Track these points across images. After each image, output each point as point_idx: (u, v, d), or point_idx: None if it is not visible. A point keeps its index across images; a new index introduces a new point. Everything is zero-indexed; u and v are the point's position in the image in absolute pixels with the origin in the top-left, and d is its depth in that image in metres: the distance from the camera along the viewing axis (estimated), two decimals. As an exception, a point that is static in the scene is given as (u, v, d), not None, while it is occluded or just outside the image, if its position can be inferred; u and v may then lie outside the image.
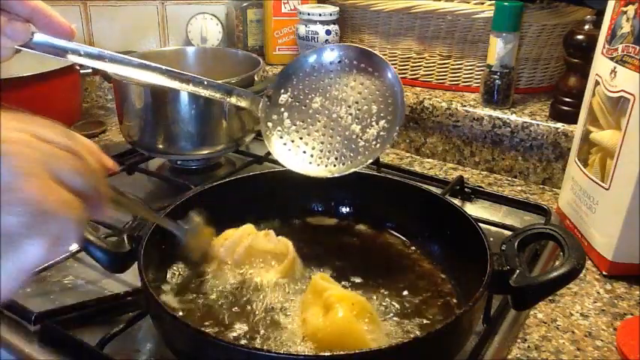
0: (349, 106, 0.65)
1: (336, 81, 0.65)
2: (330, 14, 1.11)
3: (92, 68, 0.61)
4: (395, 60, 1.10)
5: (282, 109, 0.67)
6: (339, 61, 0.66)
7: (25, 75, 0.94)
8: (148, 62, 0.57)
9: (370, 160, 0.63)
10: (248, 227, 0.64)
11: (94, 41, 1.25)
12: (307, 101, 0.66)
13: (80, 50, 0.54)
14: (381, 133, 0.63)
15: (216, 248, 0.62)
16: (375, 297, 0.59)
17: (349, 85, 0.65)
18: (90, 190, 0.37)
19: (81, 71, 1.03)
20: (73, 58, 0.54)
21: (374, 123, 0.63)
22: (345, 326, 0.51)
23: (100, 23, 1.24)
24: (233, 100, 0.66)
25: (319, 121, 0.65)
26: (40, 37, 0.52)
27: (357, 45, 0.64)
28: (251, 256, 0.62)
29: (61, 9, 1.17)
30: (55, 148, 0.36)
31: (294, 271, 0.61)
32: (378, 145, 0.63)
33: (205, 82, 0.63)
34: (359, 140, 0.63)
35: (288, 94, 0.67)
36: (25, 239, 0.33)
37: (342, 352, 0.47)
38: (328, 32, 1.12)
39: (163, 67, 0.60)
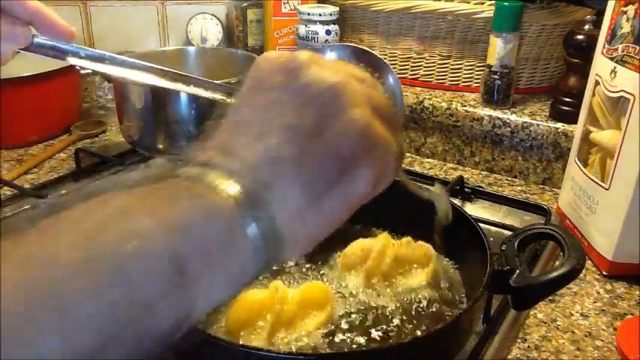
0: None
1: None
2: (330, 14, 1.11)
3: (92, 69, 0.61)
4: (395, 60, 1.10)
5: None
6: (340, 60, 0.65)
7: (25, 75, 0.94)
8: (147, 63, 0.57)
9: None
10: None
11: (93, 41, 1.25)
12: None
13: (80, 52, 0.53)
14: None
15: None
16: (373, 296, 0.59)
17: None
18: (395, 136, 0.35)
19: (81, 71, 1.03)
20: (73, 61, 0.54)
21: None
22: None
23: (100, 23, 1.24)
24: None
25: None
26: (40, 39, 0.52)
27: (356, 45, 0.64)
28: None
29: (61, 9, 1.19)
30: (371, 88, 0.35)
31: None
32: None
33: (207, 84, 0.63)
34: None
35: None
36: (355, 168, 0.32)
37: (341, 352, 0.47)
38: (328, 32, 1.12)
39: (164, 69, 0.59)
